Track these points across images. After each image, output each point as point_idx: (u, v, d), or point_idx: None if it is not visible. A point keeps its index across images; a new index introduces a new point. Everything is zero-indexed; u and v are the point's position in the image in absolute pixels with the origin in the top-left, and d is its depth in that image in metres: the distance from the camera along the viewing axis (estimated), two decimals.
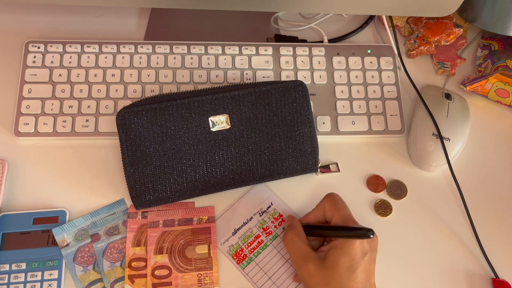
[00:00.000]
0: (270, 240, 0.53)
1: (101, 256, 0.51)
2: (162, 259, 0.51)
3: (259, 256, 0.52)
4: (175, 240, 0.52)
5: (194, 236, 0.52)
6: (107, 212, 0.53)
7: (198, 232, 0.52)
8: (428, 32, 0.64)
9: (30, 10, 0.64)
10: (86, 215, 0.53)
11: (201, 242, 0.52)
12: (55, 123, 0.56)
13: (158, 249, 0.51)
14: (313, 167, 0.55)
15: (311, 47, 0.63)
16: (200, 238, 0.52)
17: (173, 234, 0.52)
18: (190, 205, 0.54)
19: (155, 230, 0.52)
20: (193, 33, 0.65)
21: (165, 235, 0.52)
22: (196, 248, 0.52)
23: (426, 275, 0.53)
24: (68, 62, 0.59)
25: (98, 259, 0.51)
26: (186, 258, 0.51)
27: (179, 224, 0.53)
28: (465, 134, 0.58)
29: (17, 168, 0.55)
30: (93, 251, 0.51)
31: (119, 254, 0.51)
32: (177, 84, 0.59)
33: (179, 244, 0.52)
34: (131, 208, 0.53)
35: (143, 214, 0.53)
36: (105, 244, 0.51)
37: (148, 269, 0.50)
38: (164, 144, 0.51)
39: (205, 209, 0.54)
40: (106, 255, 0.51)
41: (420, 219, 0.55)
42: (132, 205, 0.53)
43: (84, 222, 0.52)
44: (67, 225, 0.52)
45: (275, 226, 0.53)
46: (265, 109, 0.53)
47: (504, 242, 0.55)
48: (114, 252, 0.51)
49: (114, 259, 0.51)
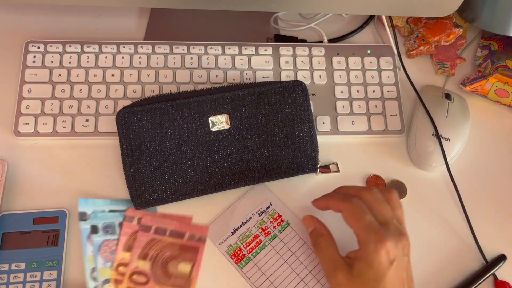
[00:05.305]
0: (269, 240, 0.53)
1: (97, 251, 0.50)
2: (143, 265, 0.50)
3: (258, 256, 0.52)
4: (161, 250, 0.50)
5: (181, 251, 0.51)
6: (118, 206, 0.52)
7: (186, 249, 0.51)
8: (428, 32, 0.64)
9: (30, 10, 0.64)
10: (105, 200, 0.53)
11: (186, 260, 0.50)
12: (55, 123, 0.56)
13: (143, 254, 0.50)
14: (313, 167, 0.55)
15: (311, 47, 0.63)
16: (186, 255, 0.51)
17: (161, 244, 0.51)
18: (186, 220, 0.52)
19: (146, 235, 0.51)
20: (193, 33, 0.65)
21: (153, 243, 0.51)
22: (179, 265, 0.50)
23: (426, 275, 0.53)
24: (68, 62, 0.59)
25: (94, 252, 0.50)
26: (167, 271, 0.50)
27: (170, 235, 0.51)
28: (465, 134, 0.58)
29: (17, 168, 0.55)
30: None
31: (111, 255, 0.50)
32: (177, 84, 0.59)
33: (164, 255, 0.50)
34: (130, 211, 0.52)
35: (139, 219, 0.52)
36: (101, 240, 0.50)
37: (127, 270, 0.49)
38: (164, 144, 0.51)
39: (200, 228, 0.52)
40: (101, 251, 0.50)
41: (420, 219, 0.55)
42: (131, 209, 0.52)
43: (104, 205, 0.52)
44: (91, 201, 0.52)
45: (274, 226, 0.53)
46: (265, 109, 0.53)
47: (503, 242, 0.55)
48: (107, 251, 0.50)
49: (106, 258, 0.50)
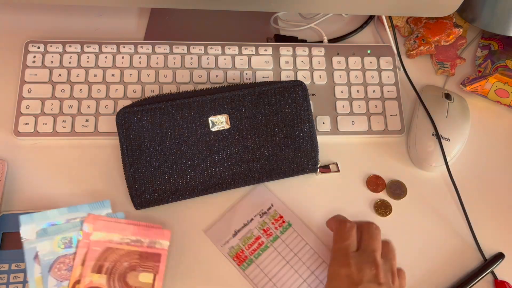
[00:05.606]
0: (271, 242, 0.52)
1: (46, 272, 0.44)
2: (99, 280, 0.44)
3: (260, 258, 0.52)
4: (118, 261, 0.45)
5: (141, 260, 0.46)
6: (78, 212, 0.46)
7: (146, 257, 0.46)
8: (427, 32, 0.64)
9: (30, 10, 0.64)
10: (61, 209, 0.47)
11: (147, 269, 0.46)
12: (55, 123, 0.56)
13: (97, 267, 0.45)
14: (313, 167, 0.55)
15: (311, 47, 0.63)
16: (147, 264, 0.46)
17: (118, 253, 0.46)
18: (143, 224, 0.48)
19: (99, 244, 0.45)
20: (193, 33, 0.65)
21: (109, 253, 0.45)
22: (140, 276, 0.45)
23: (425, 274, 0.53)
24: (68, 62, 0.59)
25: (43, 274, 0.44)
26: (127, 284, 0.45)
27: (128, 243, 0.46)
28: (465, 134, 0.58)
29: (17, 168, 0.55)
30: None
31: (68, 272, 0.44)
32: (177, 84, 0.59)
33: (122, 266, 0.45)
34: (90, 218, 0.47)
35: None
36: (53, 258, 0.45)
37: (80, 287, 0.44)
38: (164, 144, 0.51)
39: (160, 232, 0.47)
40: (53, 271, 0.44)
41: (420, 219, 0.55)
42: (91, 216, 0.47)
43: (58, 215, 0.46)
44: (39, 215, 0.45)
45: (275, 227, 0.53)
46: (265, 109, 0.53)
47: (503, 242, 0.55)
48: (62, 268, 0.44)
49: (62, 277, 0.44)
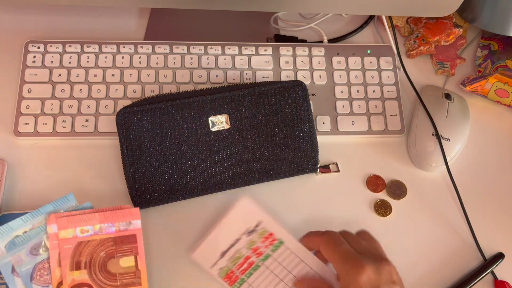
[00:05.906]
0: (262, 261, 0.48)
1: (29, 281, 0.43)
2: (80, 276, 0.43)
3: (252, 277, 0.48)
4: (94, 253, 0.44)
5: (116, 246, 0.44)
6: (39, 216, 0.44)
7: (121, 242, 0.44)
8: (427, 32, 0.64)
9: (30, 10, 0.64)
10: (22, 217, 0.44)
11: (126, 253, 0.45)
12: (54, 123, 0.56)
13: (74, 264, 0.43)
14: (313, 167, 0.55)
15: (311, 47, 0.63)
16: (124, 248, 0.45)
17: (91, 245, 0.44)
18: (109, 208, 0.46)
19: (69, 241, 0.44)
20: (193, 33, 0.65)
21: (82, 247, 0.44)
22: (120, 261, 0.44)
23: (425, 274, 0.53)
24: (68, 62, 0.59)
25: (26, 284, 0.43)
26: (109, 273, 0.44)
27: (97, 233, 0.44)
28: (465, 134, 0.58)
29: (17, 168, 0.55)
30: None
31: (49, 276, 0.44)
32: (177, 84, 0.59)
33: (99, 257, 0.44)
34: (51, 218, 0.45)
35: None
36: (31, 267, 0.43)
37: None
38: (164, 144, 0.51)
39: (128, 213, 0.45)
40: (36, 278, 0.43)
41: (420, 219, 0.55)
42: (52, 216, 0.45)
43: (22, 224, 0.44)
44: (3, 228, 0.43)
45: (265, 246, 0.48)
46: (265, 109, 0.53)
47: (503, 242, 0.55)
48: (44, 274, 0.43)
49: (45, 282, 0.43)
